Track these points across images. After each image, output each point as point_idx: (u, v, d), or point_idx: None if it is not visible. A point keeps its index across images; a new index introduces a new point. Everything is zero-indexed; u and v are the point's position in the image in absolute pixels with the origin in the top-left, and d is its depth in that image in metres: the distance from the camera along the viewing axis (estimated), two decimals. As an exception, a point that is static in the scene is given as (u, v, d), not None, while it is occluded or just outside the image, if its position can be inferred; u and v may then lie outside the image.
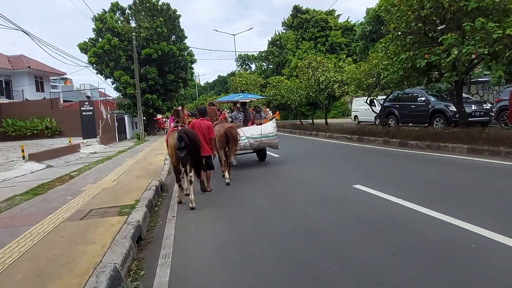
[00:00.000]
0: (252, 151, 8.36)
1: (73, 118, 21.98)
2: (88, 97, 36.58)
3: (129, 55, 25.78)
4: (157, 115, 39.58)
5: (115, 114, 22.72)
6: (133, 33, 23.07)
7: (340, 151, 10.18)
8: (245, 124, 8.73)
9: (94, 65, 27.29)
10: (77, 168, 9.56)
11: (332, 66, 15.37)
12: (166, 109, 30.24)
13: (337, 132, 13.90)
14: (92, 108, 20.24)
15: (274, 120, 8.78)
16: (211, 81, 78.29)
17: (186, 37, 30.74)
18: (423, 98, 12.39)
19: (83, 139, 19.60)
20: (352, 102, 36.99)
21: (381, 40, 10.22)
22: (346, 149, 10.49)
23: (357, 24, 40.21)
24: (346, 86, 14.59)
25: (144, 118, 33.22)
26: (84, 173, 8.59)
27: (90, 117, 20.14)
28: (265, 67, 51.96)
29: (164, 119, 40.66)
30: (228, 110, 10.05)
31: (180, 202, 5.38)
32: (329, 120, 23.19)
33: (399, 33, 9.06)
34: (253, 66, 60.00)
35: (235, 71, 61.42)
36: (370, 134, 11.63)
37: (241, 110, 9.10)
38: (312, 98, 16.55)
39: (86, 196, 5.72)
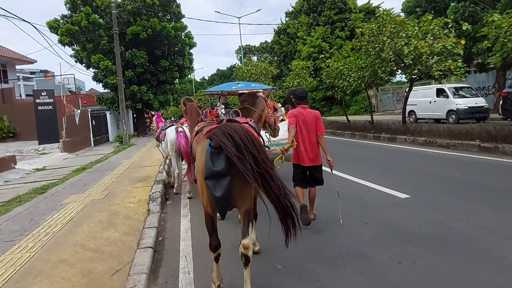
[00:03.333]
0: None
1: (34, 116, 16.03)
2: (72, 92, 30.44)
3: (111, 35, 19.82)
4: (150, 111, 33.10)
5: (89, 110, 16.71)
6: (112, 0, 17.03)
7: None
8: None
9: (67, 46, 21.28)
10: None
11: (418, 31, 9.60)
12: (158, 105, 24.15)
13: (447, 137, 8.22)
14: (52, 101, 14.25)
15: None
16: (209, 75, 72.47)
17: (183, 15, 24.70)
18: None
19: (39, 144, 13.66)
20: (378, 95, 31.60)
21: None
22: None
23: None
24: (450, 61, 8.88)
25: (133, 115, 27.45)
26: None
27: (50, 114, 14.18)
28: (270, 59, 46.19)
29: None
30: (220, 105, 6.99)
31: None
32: (352, 118, 17.28)
33: None
34: (255, 59, 54.21)
35: (235, 64, 55.88)
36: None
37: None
38: (379, 80, 10.82)
39: None
